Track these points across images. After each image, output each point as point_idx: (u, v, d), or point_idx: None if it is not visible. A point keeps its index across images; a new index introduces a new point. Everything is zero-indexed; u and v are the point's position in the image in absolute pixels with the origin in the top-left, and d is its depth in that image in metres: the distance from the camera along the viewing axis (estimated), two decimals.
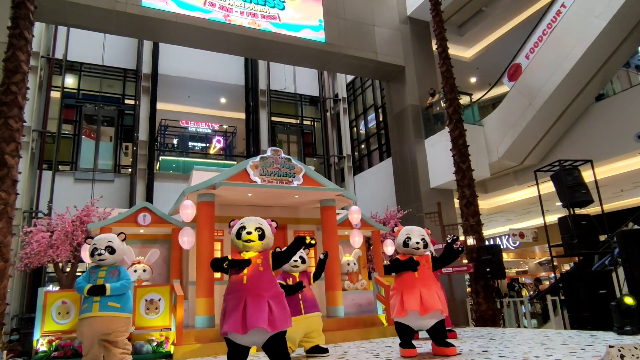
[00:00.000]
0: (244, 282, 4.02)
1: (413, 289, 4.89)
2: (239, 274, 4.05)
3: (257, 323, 3.82)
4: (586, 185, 8.51)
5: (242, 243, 4.12)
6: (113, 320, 4.76)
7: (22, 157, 6.78)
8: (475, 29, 16.42)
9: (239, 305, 3.92)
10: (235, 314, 3.88)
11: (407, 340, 4.97)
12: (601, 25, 9.73)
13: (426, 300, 4.79)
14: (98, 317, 4.71)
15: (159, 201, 12.90)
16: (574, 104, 11.18)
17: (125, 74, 15.61)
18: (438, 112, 13.00)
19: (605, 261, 9.11)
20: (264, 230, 4.21)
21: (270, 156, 7.64)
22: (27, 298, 11.95)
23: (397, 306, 4.91)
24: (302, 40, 12.21)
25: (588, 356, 4.07)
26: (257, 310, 3.88)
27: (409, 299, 4.83)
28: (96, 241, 4.98)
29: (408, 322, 4.91)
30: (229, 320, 3.89)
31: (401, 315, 4.85)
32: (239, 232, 4.15)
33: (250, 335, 3.87)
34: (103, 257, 4.88)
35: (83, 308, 4.77)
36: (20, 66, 6.81)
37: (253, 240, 4.10)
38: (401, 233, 5.22)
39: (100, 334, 4.74)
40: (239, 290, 4.01)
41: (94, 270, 4.91)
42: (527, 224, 19.31)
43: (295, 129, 18.82)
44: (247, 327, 3.82)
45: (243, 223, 4.23)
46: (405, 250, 5.14)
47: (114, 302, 4.80)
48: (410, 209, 12.13)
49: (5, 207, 6.22)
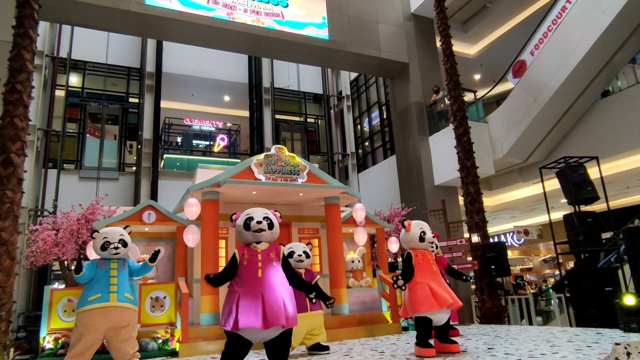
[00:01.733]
0: (259, 275, 3.88)
1: (437, 282, 4.79)
2: (251, 267, 3.91)
3: (278, 319, 3.70)
4: (592, 182, 8.46)
5: (252, 233, 4.01)
6: (129, 313, 4.66)
7: (28, 156, 6.80)
8: (479, 26, 16.33)
9: (256, 299, 3.74)
10: (254, 308, 3.70)
11: (428, 337, 4.74)
12: (607, 21, 9.66)
13: (451, 293, 4.78)
14: (115, 307, 4.53)
15: (163, 199, 12.95)
16: (579, 100, 11.12)
17: (129, 73, 15.66)
18: (442, 109, 12.96)
19: (611, 258, 9.06)
20: (272, 220, 4.16)
21: (275, 154, 7.64)
22: (33, 296, 12.03)
23: (429, 299, 4.63)
24: (305, 37, 12.19)
25: (594, 354, 4.06)
26: (276, 305, 3.74)
27: (440, 292, 4.66)
28: (107, 234, 4.91)
29: (434, 316, 4.72)
30: (246, 314, 3.69)
31: (436, 309, 4.61)
32: (246, 223, 4.03)
33: (269, 331, 3.76)
34: (119, 250, 4.83)
35: (95, 298, 4.51)
36: (25, 65, 6.83)
37: (264, 229, 4.01)
38: (413, 227, 5.04)
39: (115, 326, 4.53)
40: (253, 283, 3.84)
41: (103, 262, 4.79)
42: (531, 221, 19.28)
43: (299, 126, 18.82)
44: (269, 323, 3.68)
45: (249, 214, 4.12)
46: (420, 245, 5.01)
47: (129, 294, 4.73)
48: (415, 207, 12.11)
49: (11, 206, 6.25)
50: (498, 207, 16.94)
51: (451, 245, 9.23)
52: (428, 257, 5.03)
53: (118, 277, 4.72)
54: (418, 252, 5.00)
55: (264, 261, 3.95)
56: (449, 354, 4.72)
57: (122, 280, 4.75)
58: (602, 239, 8.72)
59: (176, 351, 6.05)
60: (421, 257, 4.96)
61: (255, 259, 3.95)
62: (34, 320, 11.26)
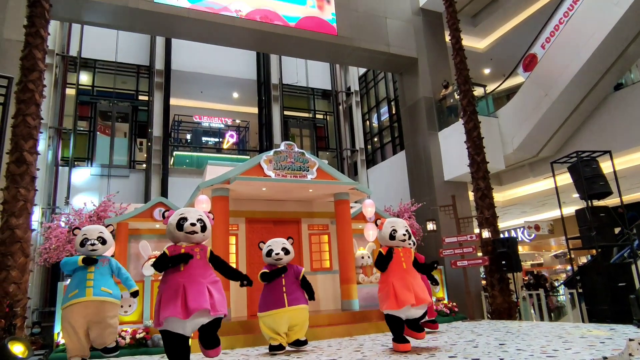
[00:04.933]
0: (180, 269, 3.99)
1: (403, 280, 4.90)
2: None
3: (200, 305, 3.77)
4: (605, 177, 8.36)
5: (184, 234, 4.07)
6: (107, 305, 4.74)
7: (40, 154, 6.87)
8: (489, 19, 16.17)
9: (177, 292, 3.84)
10: (174, 300, 3.79)
11: (401, 333, 4.93)
12: (620, 12, 9.50)
13: (417, 291, 4.85)
14: (92, 301, 4.64)
15: (173, 196, 13.03)
16: (592, 94, 10.97)
17: (139, 70, 15.74)
18: (452, 104, 12.87)
19: (625, 253, 8.97)
20: (205, 222, 4.18)
21: (284, 150, 7.65)
22: (47, 292, 12.20)
23: (390, 299, 4.85)
24: (314, 33, 12.16)
25: (607, 349, 4.02)
26: (197, 294, 3.83)
27: (402, 292, 4.81)
28: (87, 232, 5.00)
29: (399, 314, 4.89)
30: (168, 307, 3.77)
31: (394, 308, 4.82)
32: (179, 224, 4.08)
33: (192, 319, 3.82)
34: (96, 247, 4.92)
35: (73, 294, 4.67)
36: (37, 64, 6.89)
37: (197, 232, 4.07)
38: (385, 226, 5.19)
39: (93, 319, 4.66)
40: (174, 278, 3.95)
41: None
42: (542, 216, 19.09)
43: (308, 122, 18.80)
44: (190, 310, 3.75)
45: (183, 214, 4.16)
46: (391, 243, 5.14)
47: (108, 288, 4.80)
48: (424, 202, 12.06)
49: (25, 204, 6.33)
50: (509, 203, 16.81)
51: (461, 241, 9.19)
52: (400, 254, 5.07)
53: (95, 272, 4.82)
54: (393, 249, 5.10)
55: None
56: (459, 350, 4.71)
57: (99, 275, 4.83)
58: (615, 233, 8.63)
59: None
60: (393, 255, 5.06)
61: None
62: (48, 316, 11.42)
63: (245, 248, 8.27)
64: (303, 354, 5.14)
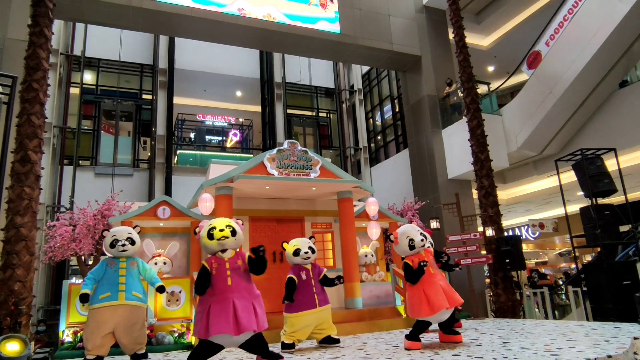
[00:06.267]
0: (228, 283, 4.05)
1: (434, 285, 4.87)
2: (220, 275, 4.07)
3: (250, 325, 3.90)
4: (609, 175, 8.32)
5: (216, 242, 4.11)
6: (137, 310, 4.82)
7: (45, 153, 6.90)
8: (492, 17, 16.11)
9: (227, 307, 3.92)
10: (225, 316, 3.87)
11: (419, 334, 4.93)
12: (625, 9, 9.44)
13: (449, 293, 4.84)
14: (123, 305, 4.72)
15: (177, 194, 13.08)
16: (596, 91, 10.91)
17: (142, 69, 15.78)
18: (455, 102, 12.83)
19: (629, 251, 8.93)
20: (234, 227, 4.23)
21: (287, 149, 7.65)
22: (52, 290, 12.28)
23: (423, 305, 4.79)
24: (317, 32, 12.15)
25: (612, 348, 4.00)
26: (247, 312, 3.94)
27: (435, 297, 4.76)
28: (116, 233, 5.05)
29: (433, 319, 4.87)
30: (218, 321, 3.86)
31: (429, 315, 4.77)
32: (210, 234, 4.13)
33: (240, 336, 3.93)
34: (126, 248, 4.96)
35: (104, 296, 4.71)
36: (41, 63, 6.91)
37: (227, 236, 4.11)
38: (400, 238, 5.11)
39: (123, 323, 4.71)
40: (223, 292, 4.01)
41: (113, 262, 4.95)
42: (547, 214, 19.04)
43: (311, 121, 18.80)
44: (241, 329, 3.85)
45: (211, 224, 4.22)
46: (412, 252, 5.08)
47: (137, 292, 4.87)
48: (428, 200, 12.04)
49: (30, 202, 6.36)
50: (513, 201, 16.76)
51: (465, 239, 9.17)
52: (423, 258, 5.02)
53: (126, 276, 4.89)
54: (414, 257, 5.05)
55: (232, 269, 4.11)
56: (457, 346, 4.71)
57: (130, 279, 4.91)
58: (620, 232, 8.59)
59: (192, 344, 6.12)
60: (417, 263, 4.97)
61: (224, 268, 4.12)
62: (53, 314, 11.49)
63: (248, 247, 8.28)
64: (306, 352, 5.15)
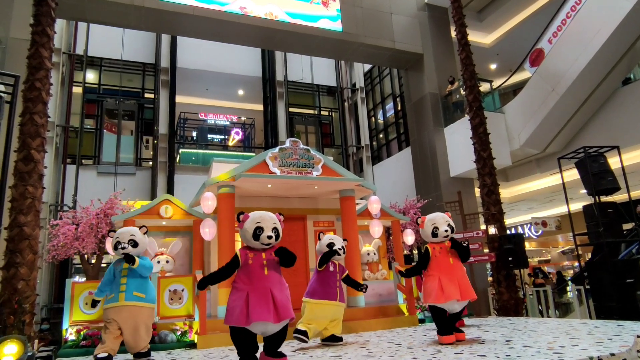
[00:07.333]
0: (265, 273, 4.12)
1: (451, 275, 5.01)
2: (257, 266, 4.14)
3: (289, 313, 4.03)
4: (612, 172, 8.28)
5: (260, 245, 4.19)
6: (139, 310, 4.85)
7: (47, 152, 6.91)
8: (495, 14, 16.05)
9: (266, 295, 4.01)
10: (265, 303, 3.96)
11: (446, 325, 5.01)
12: (628, 6, 9.39)
13: (463, 286, 4.98)
14: (124, 306, 4.79)
15: (179, 193, 13.08)
16: (599, 88, 10.86)
17: (145, 68, 15.79)
18: (458, 100, 12.80)
19: (633, 250, 8.89)
20: (279, 230, 4.30)
21: (289, 147, 7.65)
22: (55, 289, 12.31)
23: (436, 291, 4.95)
24: (319, 30, 12.13)
25: (615, 346, 3.99)
26: (285, 301, 4.07)
27: (449, 286, 4.92)
28: (119, 235, 5.08)
29: (444, 306, 5.00)
30: (259, 309, 3.93)
31: (441, 301, 4.92)
32: (256, 234, 4.18)
33: (278, 325, 4.01)
34: (127, 250, 4.99)
35: (110, 298, 4.90)
36: (44, 63, 6.92)
37: (272, 243, 4.22)
38: (426, 224, 5.28)
39: (125, 323, 4.79)
40: (261, 280, 4.09)
41: (118, 263, 5.05)
42: (549, 212, 19.00)
43: (313, 119, 18.79)
44: (281, 317, 3.97)
45: (259, 223, 4.23)
46: (434, 240, 5.25)
47: (139, 291, 4.90)
48: (430, 199, 12.02)
49: (33, 201, 6.37)
50: (515, 199, 16.73)
51: (468, 237, 9.16)
52: (446, 250, 5.19)
53: (127, 276, 4.95)
54: (436, 246, 5.24)
55: (268, 260, 4.20)
56: (460, 344, 4.72)
57: (131, 279, 4.95)
58: (624, 230, 8.56)
59: (194, 343, 6.14)
60: (438, 251, 5.20)
61: (260, 259, 4.20)
62: (56, 312, 11.52)
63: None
64: (309, 350, 5.16)
